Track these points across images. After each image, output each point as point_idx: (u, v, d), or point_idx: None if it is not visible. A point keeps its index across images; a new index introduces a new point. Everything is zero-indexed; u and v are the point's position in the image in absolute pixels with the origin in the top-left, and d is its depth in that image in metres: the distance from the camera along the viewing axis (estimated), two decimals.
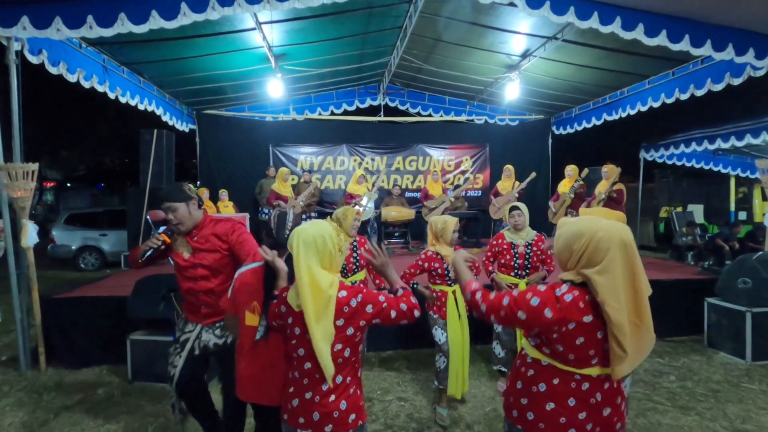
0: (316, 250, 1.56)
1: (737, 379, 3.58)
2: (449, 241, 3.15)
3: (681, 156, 8.79)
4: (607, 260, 1.34)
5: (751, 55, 4.54)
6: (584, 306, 1.37)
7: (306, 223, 1.66)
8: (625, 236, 1.37)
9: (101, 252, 9.40)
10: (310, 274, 1.52)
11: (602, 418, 1.42)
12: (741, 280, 4.08)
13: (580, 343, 1.38)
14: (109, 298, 4.16)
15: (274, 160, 9.05)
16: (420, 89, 9.25)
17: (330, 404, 1.56)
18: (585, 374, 1.41)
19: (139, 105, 6.25)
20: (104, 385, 3.59)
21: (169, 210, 2.27)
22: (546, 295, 1.41)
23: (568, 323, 1.37)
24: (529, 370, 1.50)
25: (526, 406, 1.48)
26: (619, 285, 1.33)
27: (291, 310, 1.60)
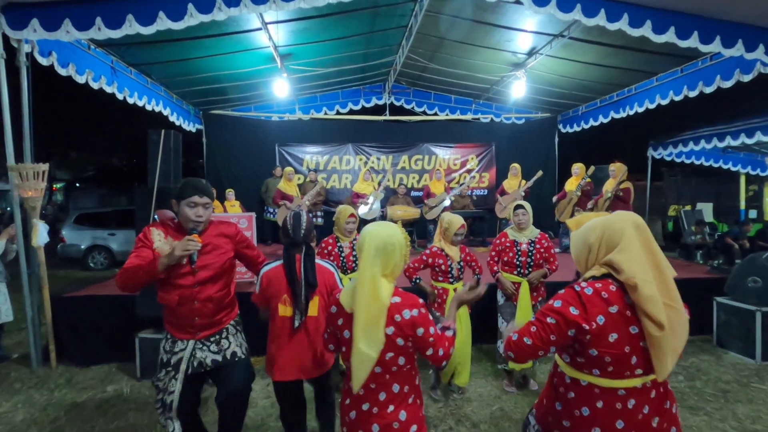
0: (385, 257, 1.50)
1: (747, 379, 3.54)
2: (451, 239, 3.17)
3: (690, 154, 8.70)
4: (624, 240, 1.33)
5: (762, 51, 4.48)
6: (608, 296, 1.32)
7: (376, 225, 1.57)
8: (636, 219, 1.39)
9: (110, 251, 9.50)
10: (373, 282, 1.46)
11: (651, 429, 1.35)
12: (751, 279, 4.03)
13: (614, 340, 1.30)
14: (117, 296, 4.20)
15: (280, 160, 9.09)
16: (425, 88, 9.24)
17: (389, 415, 1.48)
18: (629, 387, 1.33)
19: (146, 106, 6.30)
20: (113, 383, 3.63)
21: (203, 206, 2.05)
22: (567, 295, 1.37)
23: (596, 317, 1.31)
24: (569, 392, 1.41)
25: (569, 429, 1.41)
26: (643, 261, 1.31)
27: (343, 311, 1.55)
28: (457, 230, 3.17)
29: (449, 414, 3.02)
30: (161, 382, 2.13)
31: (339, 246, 3.34)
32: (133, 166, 20.58)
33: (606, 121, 8.14)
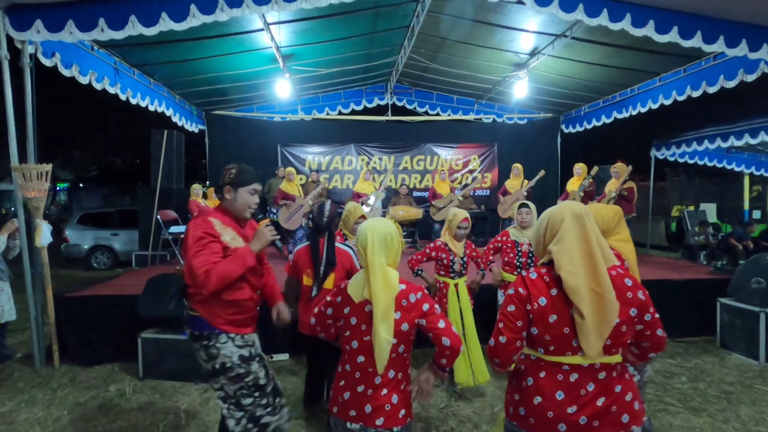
0: (386, 248, 1.64)
1: (750, 380, 3.52)
2: (454, 233, 3.16)
3: (693, 154, 8.66)
4: (561, 231, 1.46)
5: (766, 50, 4.46)
6: (549, 280, 1.46)
7: (372, 221, 1.71)
8: (575, 209, 1.49)
9: (113, 251, 9.54)
10: (383, 271, 1.60)
11: (597, 409, 1.40)
12: (755, 279, 4.01)
13: (554, 321, 1.42)
14: (120, 296, 4.22)
15: (283, 160, 9.11)
16: (428, 88, 9.23)
17: (382, 397, 1.59)
18: (573, 364, 1.42)
19: (149, 106, 6.32)
20: (116, 382, 3.64)
21: (257, 193, 2.07)
22: (516, 282, 1.53)
23: (538, 298, 1.44)
24: (520, 366, 1.54)
25: (519, 402, 1.51)
26: (575, 252, 1.42)
27: (349, 301, 1.65)
28: (460, 223, 3.16)
29: (451, 415, 3.01)
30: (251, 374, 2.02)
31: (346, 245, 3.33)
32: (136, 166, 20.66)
33: (609, 121, 8.13)
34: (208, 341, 2.00)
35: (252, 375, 2.02)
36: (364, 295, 1.61)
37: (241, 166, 2.08)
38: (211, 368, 2.02)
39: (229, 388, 2.01)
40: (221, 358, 1.99)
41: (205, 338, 2.00)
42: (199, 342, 2.02)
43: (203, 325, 2.00)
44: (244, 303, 2.04)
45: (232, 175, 2.03)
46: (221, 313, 1.99)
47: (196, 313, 2.01)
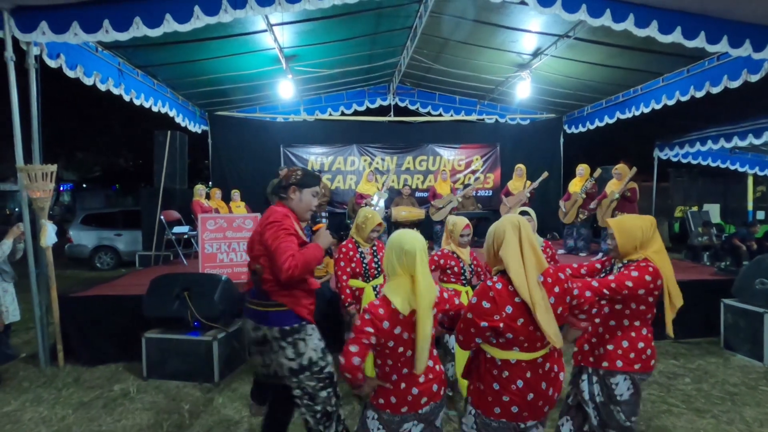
0: (425, 256, 1.80)
1: (755, 382, 3.51)
2: (457, 241, 3.15)
3: (696, 155, 8.63)
4: (505, 240, 1.68)
5: None
6: (513, 289, 1.64)
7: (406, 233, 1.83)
8: (513, 220, 1.72)
9: (116, 251, 9.58)
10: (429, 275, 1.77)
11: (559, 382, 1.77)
12: (759, 280, 3.99)
13: (521, 324, 1.63)
14: (124, 296, 4.24)
15: (285, 161, 9.12)
16: (430, 89, 9.23)
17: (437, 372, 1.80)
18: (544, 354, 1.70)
19: (153, 107, 6.35)
20: (120, 382, 3.66)
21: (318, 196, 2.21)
22: (480, 291, 1.69)
23: (505, 308, 1.63)
24: (503, 371, 1.70)
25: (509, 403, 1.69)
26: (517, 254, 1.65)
27: (397, 319, 1.71)
28: (462, 231, 3.15)
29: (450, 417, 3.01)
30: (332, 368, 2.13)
31: (360, 252, 3.29)
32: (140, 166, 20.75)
33: (612, 121, 8.10)
34: (298, 334, 2.06)
35: (328, 367, 2.12)
36: (412, 305, 1.71)
37: (306, 170, 2.22)
38: (296, 366, 2.05)
39: (309, 383, 2.07)
40: (309, 353, 2.06)
41: (296, 332, 2.06)
42: (290, 337, 2.04)
43: (292, 318, 2.05)
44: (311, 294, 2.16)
45: (299, 176, 2.14)
46: (306, 303, 2.09)
47: (282, 307, 2.05)
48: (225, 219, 4.64)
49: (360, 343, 1.70)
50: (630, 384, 2.07)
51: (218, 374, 3.59)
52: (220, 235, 4.61)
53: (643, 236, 2.12)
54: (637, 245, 2.12)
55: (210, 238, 4.57)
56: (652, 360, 2.10)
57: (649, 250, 2.14)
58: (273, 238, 1.95)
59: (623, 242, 2.13)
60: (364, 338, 1.69)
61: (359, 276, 3.26)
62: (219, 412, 3.11)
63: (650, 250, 2.14)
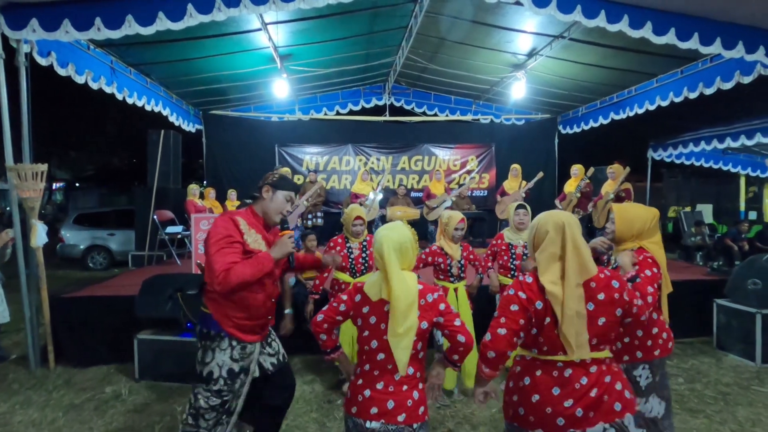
0: (402, 255, 1.69)
1: (747, 381, 3.53)
2: (450, 236, 3.15)
3: (690, 155, 8.69)
4: (546, 241, 1.57)
5: (762, 52, 4.48)
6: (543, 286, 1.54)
7: (387, 229, 1.75)
8: (559, 220, 1.58)
9: (109, 251, 9.49)
10: (399, 277, 1.65)
11: (590, 400, 1.50)
12: (751, 281, 4.02)
13: (547, 323, 1.52)
14: (116, 297, 4.20)
15: (280, 160, 9.08)
16: (425, 89, 9.24)
17: (403, 393, 1.62)
18: (566, 360, 1.53)
19: (146, 106, 6.29)
20: (112, 384, 3.62)
21: (291, 201, 2.13)
22: (515, 284, 1.62)
23: (536, 302, 1.54)
24: (516, 367, 1.64)
25: (518, 403, 1.58)
26: (555, 261, 1.53)
27: (368, 300, 1.69)
28: (457, 225, 3.14)
29: (449, 416, 3.01)
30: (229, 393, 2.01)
31: (348, 247, 3.30)
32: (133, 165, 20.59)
33: (606, 122, 8.14)
34: (211, 342, 1.99)
35: (228, 396, 2.01)
36: (381, 294, 1.66)
37: (286, 177, 2.20)
38: (198, 371, 2.03)
39: (201, 397, 1.99)
40: (211, 366, 1.97)
41: (209, 338, 2.00)
42: (203, 341, 2.02)
43: (212, 324, 2.00)
44: (257, 309, 2.03)
45: (276, 177, 2.12)
46: (231, 315, 1.98)
47: (207, 310, 2.02)
48: None
49: (330, 305, 1.76)
50: (648, 372, 2.11)
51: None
52: None
53: (642, 227, 2.13)
54: (634, 234, 2.13)
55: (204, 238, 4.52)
56: (670, 342, 2.13)
57: (647, 240, 2.15)
58: (212, 249, 1.90)
59: (621, 228, 2.14)
60: (336, 302, 1.75)
61: (346, 270, 3.28)
62: None
63: (647, 241, 2.15)
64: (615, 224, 2.18)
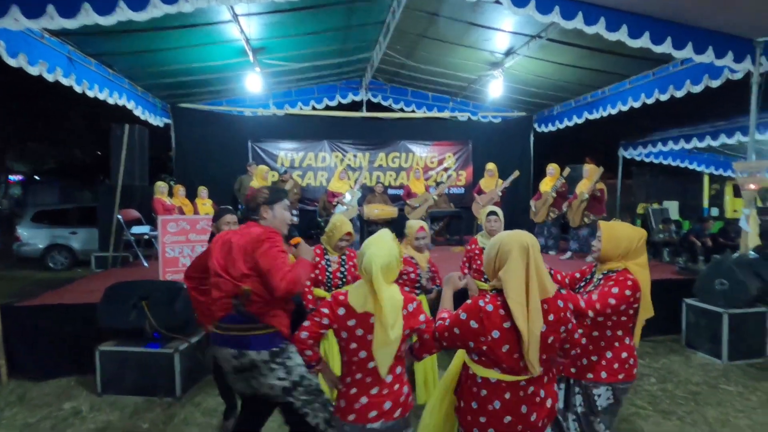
0: (388, 272, 1.73)
1: (715, 380, 3.64)
2: (413, 245, 3.06)
3: (658, 154, 8.97)
4: (510, 260, 1.56)
5: (730, 58, 4.60)
6: (504, 313, 1.54)
7: (374, 245, 1.75)
8: (523, 240, 1.59)
9: (71, 251, 9.01)
10: (388, 292, 1.70)
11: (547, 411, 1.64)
12: (718, 281, 4.14)
13: (506, 350, 1.54)
14: (75, 306, 3.94)
15: (254, 156, 8.82)
16: (403, 85, 9.14)
17: (396, 392, 1.75)
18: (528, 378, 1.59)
19: (108, 99, 5.94)
20: (71, 399, 3.40)
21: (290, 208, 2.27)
22: (471, 308, 1.59)
23: (492, 332, 1.53)
24: (481, 390, 1.63)
25: (487, 424, 1.62)
26: (521, 282, 1.54)
27: (353, 312, 1.72)
28: (417, 234, 3.05)
29: None
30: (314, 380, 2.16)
31: (327, 259, 3.07)
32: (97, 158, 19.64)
33: (580, 121, 8.26)
34: (284, 354, 2.06)
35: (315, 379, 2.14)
36: (366, 307, 1.70)
37: (270, 186, 2.26)
38: (290, 384, 2.07)
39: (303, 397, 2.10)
40: (298, 369, 2.08)
41: (282, 353, 2.06)
42: (279, 357, 2.05)
43: (278, 339, 2.05)
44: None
45: (266, 194, 2.14)
46: (287, 323, 2.10)
47: (271, 329, 2.05)
48: (187, 221, 4.39)
49: (312, 320, 1.77)
50: (611, 394, 2.09)
51: (180, 388, 3.39)
52: (182, 238, 4.36)
53: (628, 246, 2.11)
54: (621, 254, 2.12)
55: (171, 241, 4.31)
56: (635, 369, 2.12)
57: (632, 261, 2.13)
58: (267, 256, 1.96)
59: (608, 248, 2.12)
60: (317, 317, 1.77)
61: (321, 284, 3.06)
62: (180, 430, 2.93)
63: (632, 262, 2.13)
64: (601, 242, 2.15)
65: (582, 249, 6.34)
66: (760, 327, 4.05)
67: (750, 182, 4.56)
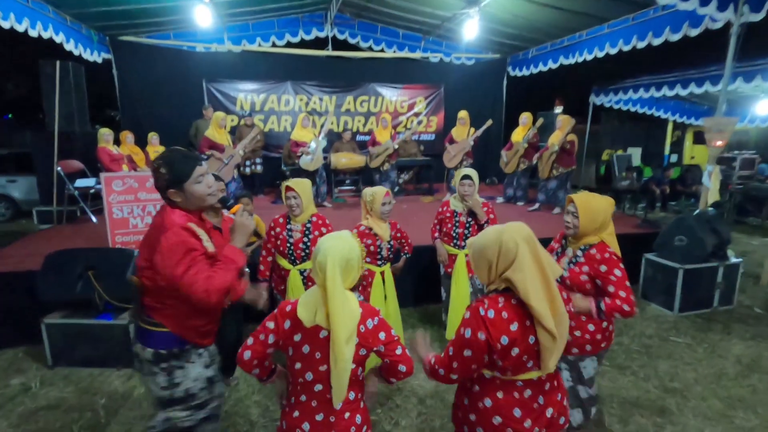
0: (346, 272, 1.48)
1: (666, 332, 3.84)
2: (379, 213, 2.89)
3: (627, 101, 8.93)
4: (518, 258, 1.39)
5: (714, 7, 4.40)
6: (508, 315, 1.40)
7: (333, 239, 1.50)
8: (525, 232, 1.43)
9: (12, 200, 8.31)
10: (343, 297, 1.44)
11: (546, 420, 1.50)
12: (678, 237, 4.26)
13: (516, 354, 1.40)
14: (16, 273, 3.61)
15: (210, 98, 8.12)
16: (372, 20, 8.44)
17: (346, 421, 1.51)
18: (526, 379, 1.46)
19: (30, 30, 5.11)
20: (20, 373, 3.20)
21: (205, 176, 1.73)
22: (473, 321, 1.42)
23: (500, 338, 1.38)
24: (474, 385, 1.53)
25: (476, 422, 1.52)
26: (535, 277, 1.39)
27: (299, 326, 1.47)
28: (383, 199, 2.87)
29: (396, 390, 2.99)
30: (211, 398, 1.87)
31: (288, 229, 2.85)
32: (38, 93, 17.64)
33: (555, 66, 7.97)
34: (177, 360, 1.74)
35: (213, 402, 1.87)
36: (317, 320, 1.44)
37: (170, 158, 1.67)
38: (167, 397, 1.75)
39: (179, 414, 1.78)
40: (185, 385, 1.76)
41: (172, 357, 1.73)
42: (163, 362, 1.72)
43: (171, 342, 1.72)
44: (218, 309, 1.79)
45: (166, 175, 1.65)
46: (195, 325, 1.75)
47: (162, 328, 1.71)
48: (135, 178, 3.99)
49: (256, 338, 1.53)
50: (596, 363, 2.19)
51: None
52: (130, 197, 3.99)
53: (604, 218, 2.10)
54: (597, 227, 2.10)
55: (118, 201, 3.94)
56: (613, 332, 2.18)
57: (605, 232, 2.13)
58: (174, 267, 1.55)
59: (585, 223, 2.09)
60: (262, 333, 1.53)
61: (285, 256, 2.89)
62: (141, 405, 2.82)
63: (606, 233, 2.13)
64: (579, 218, 2.08)
65: (549, 201, 6.38)
66: (712, 281, 4.26)
67: (717, 138, 4.57)
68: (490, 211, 3.23)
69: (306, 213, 2.84)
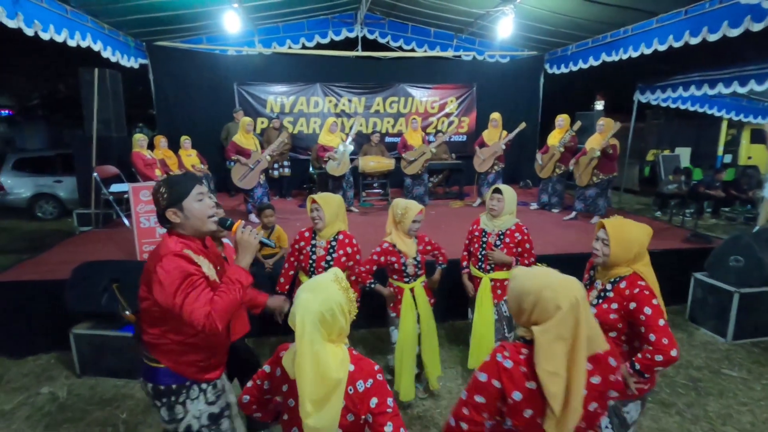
0: (325, 327, 1.28)
1: (717, 363, 3.49)
2: (407, 230, 2.74)
3: (676, 99, 8.31)
4: (555, 319, 1.22)
5: None
6: (527, 370, 1.25)
7: (308, 289, 1.31)
8: (573, 296, 1.22)
9: (58, 200, 8.73)
10: (315, 360, 1.24)
11: None
12: (733, 258, 3.87)
13: (529, 416, 1.26)
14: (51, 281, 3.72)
15: (240, 101, 8.20)
16: (402, 19, 8.24)
17: None
18: None
19: (69, 41, 5.27)
20: (50, 381, 3.29)
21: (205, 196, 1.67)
22: (490, 366, 1.30)
23: (513, 392, 1.25)
24: None
25: None
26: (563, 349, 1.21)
27: (286, 377, 1.35)
28: (415, 217, 2.71)
29: (416, 417, 2.84)
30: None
31: (313, 244, 2.77)
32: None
33: (596, 63, 7.51)
34: (176, 396, 1.69)
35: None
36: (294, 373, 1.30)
37: (169, 179, 1.64)
38: (172, 430, 1.73)
39: None
40: (188, 420, 1.71)
41: (171, 393, 1.68)
42: (163, 398, 1.69)
43: (170, 378, 1.67)
44: (223, 341, 1.75)
45: (165, 195, 1.61)
46: (194, 361, 1.68)
47: (158, 364, 1.67)
48: None
49: (254, 381, 1.46)
50: (640, 405, 1.98)
51: None
52: None
53: (639, 249, 1.88)
54: (630, 259, 1.88)
55: (145, 210, 3.98)
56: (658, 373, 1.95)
57: (639, 263, 1.91)
58: (172, 296, 1.48)
59: (617, 252, 1.87)
60: (259, 378, 1.44)
61: (306, 273, 2.80)
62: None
63: (640, 264, 1.90)
64: (610, 247, 1.87)
65: (588, 210, 6.01)
66: None
67: None
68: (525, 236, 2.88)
69: (331, 229, 2.74)
